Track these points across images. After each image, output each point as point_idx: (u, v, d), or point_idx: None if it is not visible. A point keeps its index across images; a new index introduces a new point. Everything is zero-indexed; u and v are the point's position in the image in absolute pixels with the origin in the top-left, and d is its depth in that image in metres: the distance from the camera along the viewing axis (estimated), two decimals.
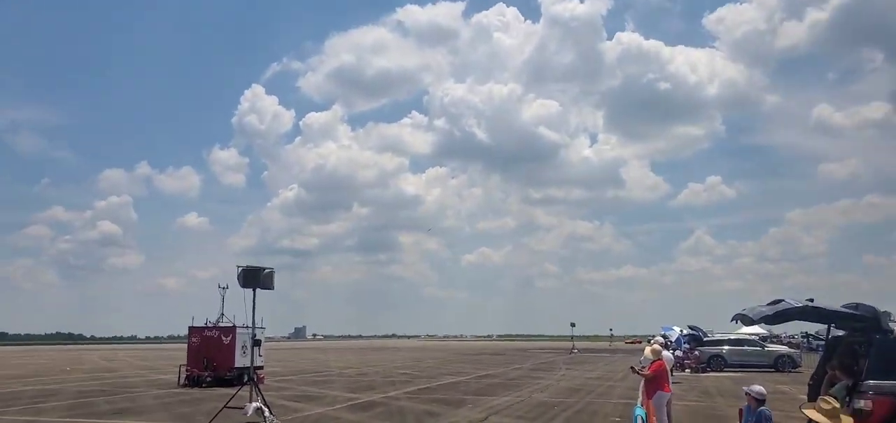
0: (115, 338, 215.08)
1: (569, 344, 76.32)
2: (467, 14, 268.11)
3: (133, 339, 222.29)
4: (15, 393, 23.11)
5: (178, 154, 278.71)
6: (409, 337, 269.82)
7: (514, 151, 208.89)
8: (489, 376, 30.62)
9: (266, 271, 14.66)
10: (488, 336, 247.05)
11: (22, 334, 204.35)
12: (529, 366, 39.52)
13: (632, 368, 13.08)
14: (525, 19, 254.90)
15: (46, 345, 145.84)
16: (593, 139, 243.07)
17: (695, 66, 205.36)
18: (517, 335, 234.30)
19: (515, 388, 23.36)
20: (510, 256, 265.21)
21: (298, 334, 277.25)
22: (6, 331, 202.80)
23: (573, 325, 69.35)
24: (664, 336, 35.83)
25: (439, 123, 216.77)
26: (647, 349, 12.23)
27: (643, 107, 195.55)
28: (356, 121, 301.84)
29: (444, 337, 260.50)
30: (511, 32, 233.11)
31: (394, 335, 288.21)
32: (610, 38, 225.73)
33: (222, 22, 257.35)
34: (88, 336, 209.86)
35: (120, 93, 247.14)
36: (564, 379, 28.12)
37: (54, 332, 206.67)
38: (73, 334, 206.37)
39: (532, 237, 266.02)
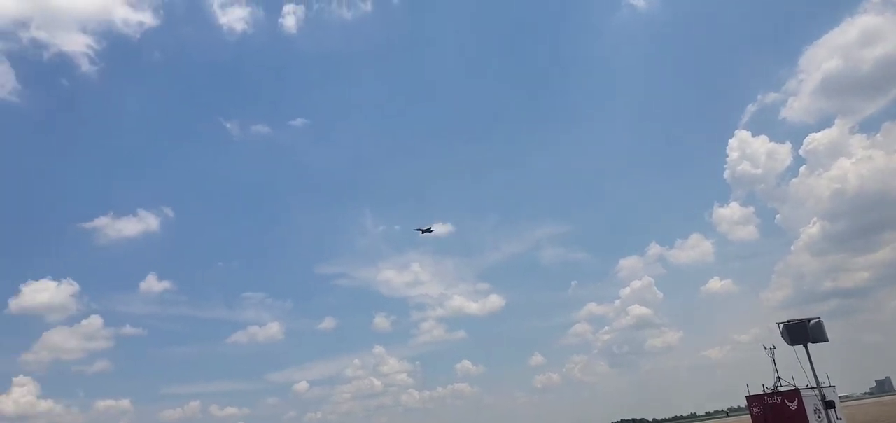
0: (675, 418, 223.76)
1: None
2: None
3: (693, 417, 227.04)
4: None
5: (681, 225, 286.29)
6: None
7: None
8: None
9: (812, 321, 13.33)
10: None
11: None
12: None
13: None
14: None
15: None
16: None
17: None
18: None
19: None
20: None
21: (882, 387, 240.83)
22: None
23: None
24: None
25: None
26: None
27: None
28: (868, 126, 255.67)
29: None
30: None
31: None
32: None
33: (685, 86, 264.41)
34: (650, 419, 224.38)
35: (610, 192, 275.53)
36: None
37: (618, 419, 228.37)
38: (636, 419, 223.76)
39: None
